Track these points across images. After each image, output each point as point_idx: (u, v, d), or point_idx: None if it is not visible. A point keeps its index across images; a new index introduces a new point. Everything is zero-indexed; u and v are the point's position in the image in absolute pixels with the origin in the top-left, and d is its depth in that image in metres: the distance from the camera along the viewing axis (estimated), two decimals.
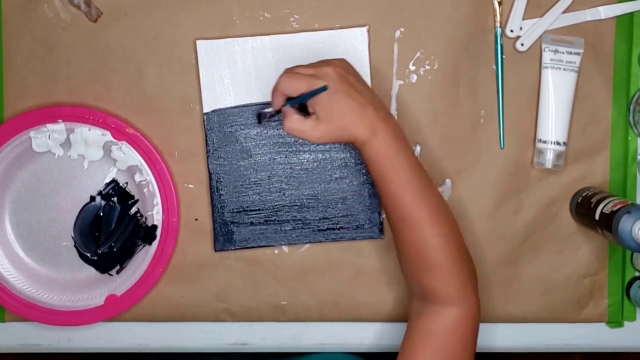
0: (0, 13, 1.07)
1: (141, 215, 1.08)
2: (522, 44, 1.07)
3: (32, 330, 1.11)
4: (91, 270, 1.09)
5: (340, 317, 1.10)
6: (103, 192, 1.08)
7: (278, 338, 1.11)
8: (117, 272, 1.08)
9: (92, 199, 1.08)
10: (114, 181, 1.08)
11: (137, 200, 1.08)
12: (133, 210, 1.08)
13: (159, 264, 1.07)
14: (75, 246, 1.09)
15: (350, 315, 1.10)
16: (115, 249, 1.08)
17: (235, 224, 1.08)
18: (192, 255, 1.09)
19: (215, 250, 1.09)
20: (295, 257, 1.09)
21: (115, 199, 1.08)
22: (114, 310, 1.08)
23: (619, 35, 1.07)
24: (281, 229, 1.08)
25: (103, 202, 1.08)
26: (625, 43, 1.07)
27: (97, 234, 1.09)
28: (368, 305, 1.10)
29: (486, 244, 1.08)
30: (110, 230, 1.08)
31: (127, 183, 1.08)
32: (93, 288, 1.09)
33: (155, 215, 1.07)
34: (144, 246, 1.08)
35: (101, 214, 1.08)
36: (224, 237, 1.09)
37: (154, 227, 1.07)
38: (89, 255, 1.09)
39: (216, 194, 1.08)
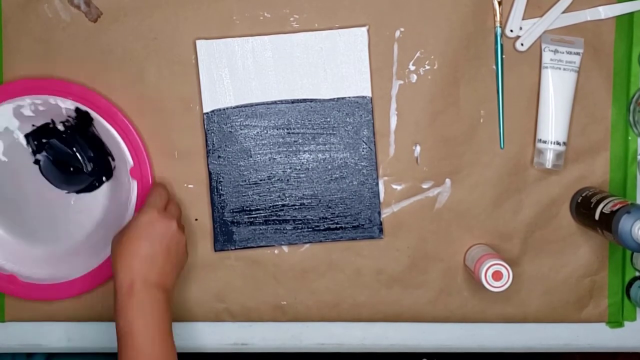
0: (0, 13, 1.07)
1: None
2: (522, 44, 1.07)
3: (32, 330, 1.11)
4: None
5: (340, 317, 1.10)
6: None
7: (278, 338, 1.11)
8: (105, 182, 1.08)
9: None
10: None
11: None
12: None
13: None
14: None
15: (350, 315, 1.10)
16: (89, 169, 1.08)
17: (235, 224, 1.08)
18: (192, 255, 1.09)
19: (215, 250, 1.09)
20: (295, 257, 1.09)
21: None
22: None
23: (619, 35, 1.07)
24: (281, 229, 1.08)
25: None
26: (625, 43, 1.07)
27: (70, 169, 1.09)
28: (368, 305, 1.10)
29: (486, 243, 1.09)
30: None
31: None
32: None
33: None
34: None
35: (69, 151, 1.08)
36: (224, 237, 1.09)
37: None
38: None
39: (216, 194, 1.08)
